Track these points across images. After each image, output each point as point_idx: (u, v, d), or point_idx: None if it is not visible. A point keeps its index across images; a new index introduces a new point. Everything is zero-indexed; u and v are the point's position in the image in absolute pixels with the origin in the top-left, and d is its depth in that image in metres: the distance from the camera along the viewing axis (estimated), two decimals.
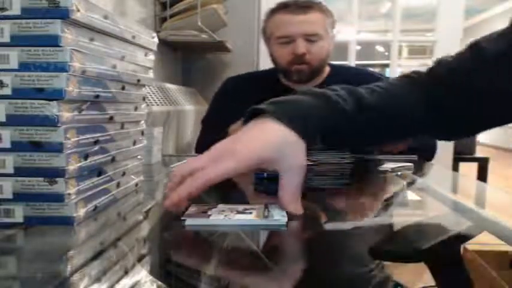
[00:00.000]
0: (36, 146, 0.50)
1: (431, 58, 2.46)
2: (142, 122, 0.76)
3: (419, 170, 1.03)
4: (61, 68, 0.50)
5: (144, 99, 0.75)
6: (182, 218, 0.54)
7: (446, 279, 0.47)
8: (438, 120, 0.68)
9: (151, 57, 0.76)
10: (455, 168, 2.63)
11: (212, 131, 1.34)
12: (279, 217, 0.54)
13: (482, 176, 2.87)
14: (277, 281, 0.41)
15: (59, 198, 0.51)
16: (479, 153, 3.03)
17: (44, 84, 0.50)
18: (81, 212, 0.54)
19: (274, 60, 1.39)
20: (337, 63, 1.50)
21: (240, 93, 1.38)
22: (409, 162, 0.99)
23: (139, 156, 0.75)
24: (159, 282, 0.38)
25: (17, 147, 0.50)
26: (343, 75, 1.40)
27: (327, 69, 1.43)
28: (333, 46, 1.39)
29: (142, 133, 0.76)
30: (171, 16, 1.78)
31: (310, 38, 1.30)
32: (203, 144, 1.41)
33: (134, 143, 0.72)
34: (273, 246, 0.52)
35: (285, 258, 0.48)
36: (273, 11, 1.36)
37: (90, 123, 0.57)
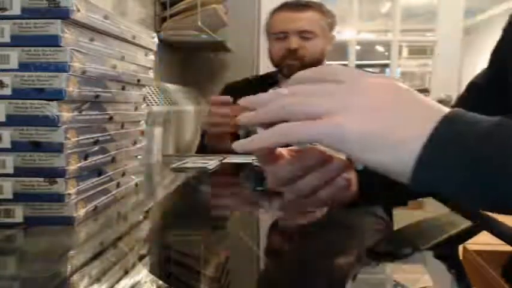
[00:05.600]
0: (36, 146, 0.50)
1: (431, 58, 2.46)
2: (143, 122, 0.76)
3: None
4: (61, 68, 0.50)
5: (144, 99, 0.75)
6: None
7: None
8: None
9: (151, 57, 0.76)
10: None
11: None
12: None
13: None
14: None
15: (59, 198, 0.51)
16: None
17: (44, 84, 0.49)
18: (81, 212, 0.54)
19: (270, 55, 1.43)
20: (335, 63, 1.51)
21: (238, 99, 1.38)
22: None
23: (139, 156, 0.75)
24: (160, 282, 0.38)
25: (17, 147, 0.50)
26: None
27: None
28: (330, 47, 1.43)
29: (143, 133, 0.76)
30: (171, 16, 1.77)
31: (304, 35, 1.35)
32: (202, 150, 1.42)
33: (134, 143, 0.72)
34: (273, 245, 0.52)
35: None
36: (276, 10, 1.42)
37: (90, 123, 0.57)
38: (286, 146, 0.42)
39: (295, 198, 0.46)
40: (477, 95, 0.68)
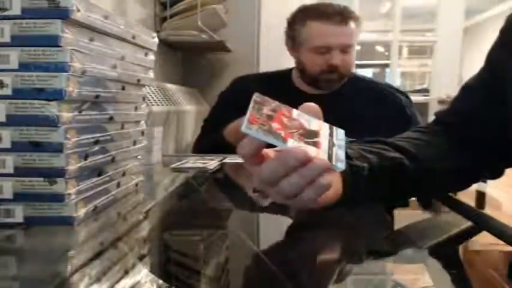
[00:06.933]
0: (36, 146, 0.50)
1: (431, 58, 2.46)
2: (142, 122, 0.76)
3: None
4: (61, 68, 0.50)
5: (144, 99, 0.75)
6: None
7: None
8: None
9: (151, 57, 0.76)
10: None
11: (214, 131, 1.33)
12: (338, 164, 0.45)
13: None
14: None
15: (59, 198, 0.51)
16: None
17: (44, 84, 0.49)
18: (81, 212, 0.54)
19: (303, 67, 1.35)
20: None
21: (248, 94, 1.32)
22: None
23: (139, 156, 0.75)
24: (160, 282, 0.38)
25: (17, 147, 0.50)
26: (359, 86, 1.38)
27: None
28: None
29: (143, 133, 0.76)
30: (171, 16, 1.77)
31: (345, 50, 1.30)
32: (202, 144, 1.41)
33: (134, 143, 0.72)
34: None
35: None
36: (308, 17, 1.32)
37: (90, 123, 0.57)
38: (271, 146, 0.43)
39: (280, 200, 0.47)
40: (471, 97, 0.68)
